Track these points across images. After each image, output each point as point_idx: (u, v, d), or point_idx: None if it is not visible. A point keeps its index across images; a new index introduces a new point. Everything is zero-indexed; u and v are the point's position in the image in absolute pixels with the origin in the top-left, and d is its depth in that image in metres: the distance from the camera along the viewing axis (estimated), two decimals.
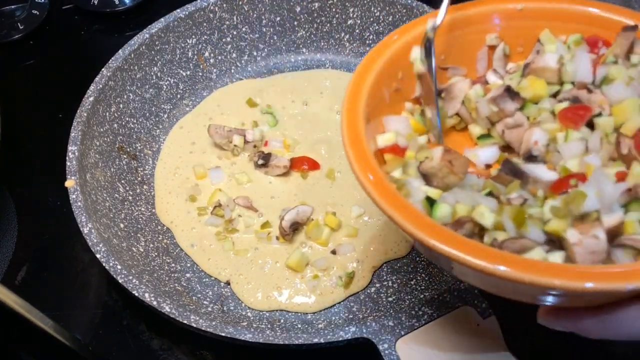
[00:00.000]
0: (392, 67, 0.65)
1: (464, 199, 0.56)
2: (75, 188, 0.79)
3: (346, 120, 0.59)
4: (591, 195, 0.51)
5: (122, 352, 0.78)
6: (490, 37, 0.69)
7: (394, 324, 0.69)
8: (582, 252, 0.50)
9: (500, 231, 0.53)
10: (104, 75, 0.89)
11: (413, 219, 0.51)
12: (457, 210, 0.55)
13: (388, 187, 0.54)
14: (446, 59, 0.69)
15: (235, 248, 0.84)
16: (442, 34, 0.67)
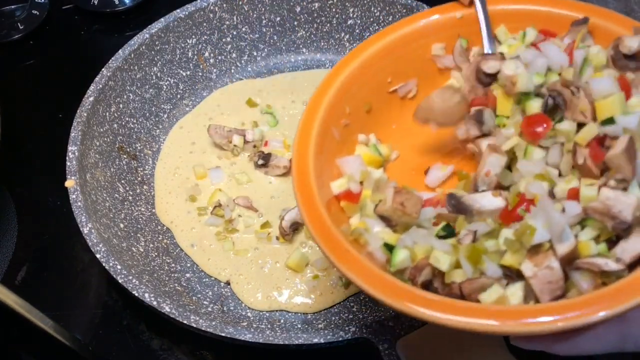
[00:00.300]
0: (339, 104, 0.65)
1: (421, 239, 0.57)
2: (75, 188, 0.79)
3: (296, 172, 0.59)
4: (539, 228, 0.51)
5: (122, 352, 0.78)
6: (436, 47, 0.69)
7: (394, 324, 0.69)
8: (539, 284, 0.51)
9: (458, 269, 0.54)
10: (104, 75, 0.89)
11: (361, 274, 0.52)
12: (416, 252, 0.56)
13: (339, 243, 0.54)
14: (393, 81, 0.69)
15: (235, 248, 0.84)
16: (383, 57, 0.67)
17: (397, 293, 0.51)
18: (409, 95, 0.71)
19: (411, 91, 0.71)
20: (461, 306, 0.49)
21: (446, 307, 0.49)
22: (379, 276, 0.52)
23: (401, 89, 0.70)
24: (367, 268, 0.53)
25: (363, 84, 0.67)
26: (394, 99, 0.70)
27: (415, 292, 0.51)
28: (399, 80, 0.69)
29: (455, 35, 0.69)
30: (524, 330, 0.47)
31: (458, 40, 0.69)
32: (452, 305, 0.49)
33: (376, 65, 0.67)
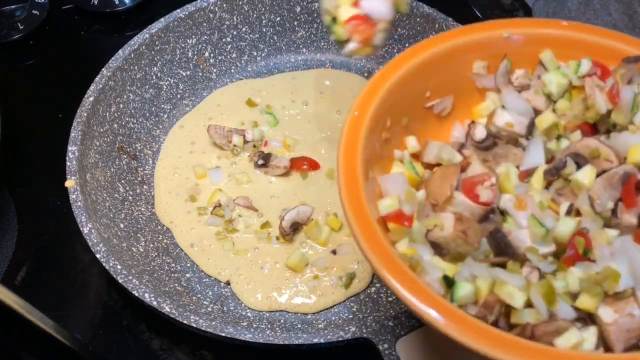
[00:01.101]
0: (382, 115, 0.61)
1: (481, 272, 0.53)
2: (75, 188, 0.79)
3: (345, 187, 0.54)
4: (624, 273, 0.48)
5: (122, 352, 0.78)
6: (477, 65, 0.66)
7: (394, 324, 0.69)
8: (616, 332, 0.48)
9: (528, 309, 0.51)
10: (104, 75, 0.89)
11: (442, 309, 0.47)
12: (479, 287, 0.52)
13: (402, 269, 0.50)
14: (431, 95, 0.66)
15: (235, 248, 0.84)
16: (425, 70, 0.64)
17: (499, 341, 0.46)
18: (443, 112, 0.67)
19: (446, 108, 0.67)
20: (555, 353, 0.46)
21: (542, 355, 0.45)
22: (463, 317, 0.47)
23: (437, 105, 0.66)
24: (446, 305, 0.48)
25: (404, 95, 0.63)
26: (430, 114, 0.67)
27: (507, 336, 0.47)
28: (437, 96, 0.66)
29: (499, 55, 0.66)
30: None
31: (504, 61, 0.66)
32: (546, 351, 0.46)
33: (418, 77, 0.64)
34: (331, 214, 0.86)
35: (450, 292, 0.52)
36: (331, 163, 0.91)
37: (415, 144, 0.65)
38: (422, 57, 0.63)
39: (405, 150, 0.65)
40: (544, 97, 0.64)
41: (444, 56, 0.64)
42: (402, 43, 1.01)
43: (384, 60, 1.03)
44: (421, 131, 0.66)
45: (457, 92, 0.67)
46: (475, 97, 0.68)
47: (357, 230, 0.52)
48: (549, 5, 1.08)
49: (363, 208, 0.53)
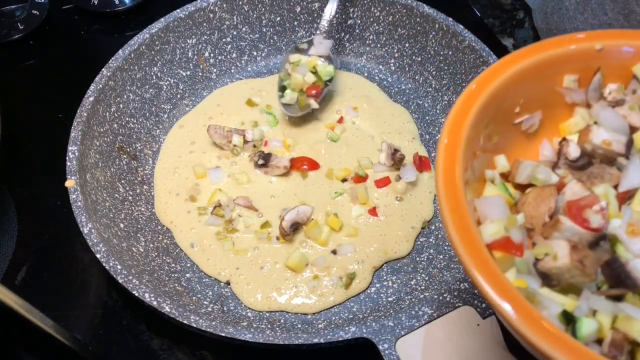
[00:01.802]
0: (476, 132, 0.56)
1: (603, 306, 0.48)
2: (75, 188, 0.79)
3: (449, 211, 0.50)
4: None
5: (122, 352, 0.78)
6: (568, 79, 0.62)
7: (394, 324, 0.69)
8: None
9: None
10: (104, 75, 0.89)
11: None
12: (601, 323, 0.48)
13: (525, 305, 0.45)
14: (521, 111, 0.62)
15: (235, 248, 0.84)
16: (515, 84, 0.59)
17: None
18: (531, 129, 0.63)
19: (534, 125, 0.63)
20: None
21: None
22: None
23: (526, 122, 0.62)
24: (578, 347, 0.43)
25: (495, 110, 0.59)
26: (517, 131, 0.63)
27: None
28: (526, 111, 0.62)
29: (591, 68, 0.62)
30: None
31: (597, 75, 0.62)
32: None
33: (509, 91, 0.60)
34: (331, 214, 0.86)
35: (571, 328, 0.48)
36: (331, 163, 0.91)
37: (505, 164, 0.61)
38: (512, 71, 0.59)
39: (495, 170, 0.61)
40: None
41: (535, 69, 0.61)
42: (402, 43, 1.01)
43: (383, 60, 1.04)
44: (509, 150, 0.62)
45: (546, 107, 0.63)
46: (563, 114, 0.64)
47: (468, 260, 0.47)
48: (547, 5, 1.08)
49: (472, 235, 0.48)
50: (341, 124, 0.96)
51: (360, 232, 0.85)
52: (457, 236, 0.48)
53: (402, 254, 0.84)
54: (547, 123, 0.63)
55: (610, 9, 0.88)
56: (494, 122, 0.59)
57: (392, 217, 0.86)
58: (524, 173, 0.59)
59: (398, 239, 0.85)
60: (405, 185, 0.88)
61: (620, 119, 0.59)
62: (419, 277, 0.82)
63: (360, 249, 0.83)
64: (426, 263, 0.84)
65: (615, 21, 0.89)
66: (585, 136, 0.60)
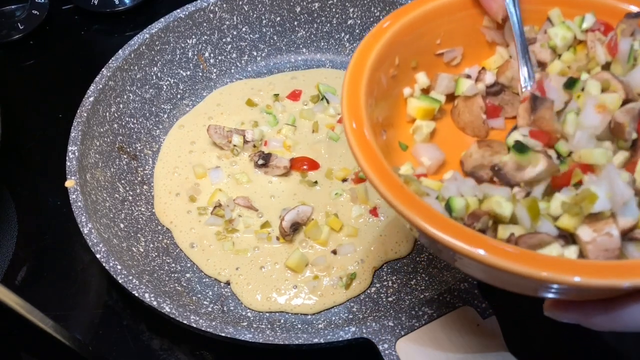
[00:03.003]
0: (390, 52, 0.64)
1: (467, 190, 0.56)
2: (75, 188, 0.79)
3: (348, 114, 0.58)
4: (602, 197, 0.50)
5: (122, 352, 0.78)
6: (488, 19, 0.68)
7: (394, 324, 0.69)
8: (595, 250, 0.50)
9: (513, 225, 0.53)
10: (104, 75, 0.89)
11: (426, 216, 0.50)
12: (470, 203, 0.55)
13: (396, 181, 0.52)
14: (442, 43, 0.68)
15: (235, 248, 0.84)
16: (437, 17, 0.66)
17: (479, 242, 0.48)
18: (453, 62, 0.70)
19: (456, 58, 0.70)
20: (527, 253, 0.47)
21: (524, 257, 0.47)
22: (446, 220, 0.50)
23: (447, 54, 0.69)
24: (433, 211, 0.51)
25: (415, 38, 0.66)
26: (439, 62, 0.69)
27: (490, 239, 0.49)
28: (447, 45, 0.69)
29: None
30: (596, 283, 0.45)
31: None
32: (522, 253, 0.47)
33: (430, 23, 0.66)
34: (331, 214, 0.86)
35: (446, 207, 0.55)
36: (331, 163, 0.91)
37: (425, 79, 0.67)
38: (434, 4, 0.66)
39: (416, 85, 0.67)
40: (549, 50, 0.66)
41: (457, 6, 0.67)
42: None
43: None
44: (431, 74, 0.69)
45: (468, 44, 0.69)
46: (485, 52, 0.70)
47: (360, 156, 0.54)
48: None
49: (364, 139, 0.56)
50: (341, 124, 0.96)
51: (360, 232, 0.85)
52: (353, 135, 0.56)
53: (402, 254, 0.84)
54: (469, 58, 0.70)
55: None
56: (414, 48, 0.66)
57: (393, 218, 0.86)
58: (442, 84, 0.67)
59: (398, 239, 0.85)
60: None
61: (529, 53, 0.66)
62: (419, 277, 0.82)
63: (361, 249, 0.83)
64: (426, 263, 0.84)
65: None
66: (504, 70, 0.67)
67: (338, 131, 0.95)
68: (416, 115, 0.66)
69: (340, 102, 0.59)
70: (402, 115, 0.67)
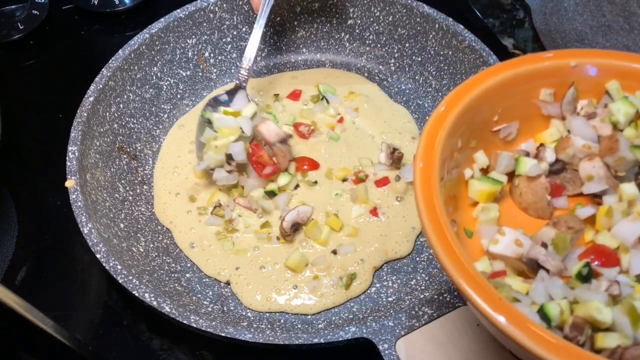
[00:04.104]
0: (454, 136, 0.61)
1: (557, 292, 0.52)
2: (75, 188, 0.79)
3: (427, 215, 0.54)
4: None
5: (122, 352, 0.78)
6: (544, 92, 0.66)
7: (394, 324, 0.69)
8: None
9: (611, 333, 0.49)
10: (104, 75, 0.89)
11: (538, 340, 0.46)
12: (563, 308, 0.51)
13: (491, 292, 0.48)
14: (499, 120, 0.66)
15: (235, 248, 0.84)
16: (494, 94, 0.64)
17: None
18: (509, 137, 0.68)
19: (511, 134, 0.68)
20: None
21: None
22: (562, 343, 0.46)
23: (504, 130, 0.67)
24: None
25: (475, 116, 0.64)
26: (496, 139, 0.67)
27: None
28: (504, 121, 0.67)
29: (565, 83, 0.66)
30: None
31: (570, 89, 0.66)
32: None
33: (488, 100, 0.64)
34: (331, 214, 0.86)
35: (540, 314, 0.51)
36: (331, 163, 0.91)
37: (484, 159, 0.65)
38: (493, 81, 0.64)
39: (475, 164, 0.65)
40: (610, 125, 0.64)
41: (514, 81, 0.65)
42: (402, 43, 1.01)
43: (383, 60, 1.04)
44: (487, 152, 0.67)
45: (523, 118, 0.67)
46: (539, 125, 0.68)
47: (441, 252, 0.51)
48: (546, 6, 1.08)
49: (447, 241, 0.52)
50: (341, 123, 0.96)
51: (360, 232, 0.85)
52: (444, 253, 0.52)
53: (403, 254, 0.84)
54: (524, 132, 0.68)
55: (608, 11, 0.88)
56: (473, 128, 0.64)
57: (393, 218, 0.86)
58: (503, 163, 0.64)
59: (398, 239, 0.85)
60: (405, 185, 0.88)
61: (590, 128, 0.64)
62: (419, 277, 0.82)
63: (361, 249, 0.83)
64: (426, 263, 0.84)
65: (615, 23, 0.89)
66: (564, 145, 0.64)
67: (338, 131, 0.95)
68: (479, 198, 0.63)
69: (416, 202, 0.55)
70: (464, 198, 0.65)
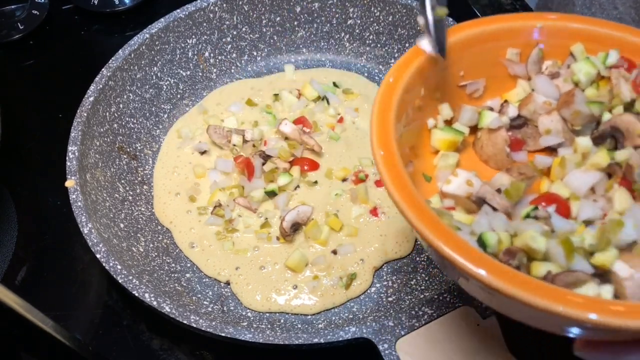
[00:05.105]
0: (416, 83, 0.63)
1: (499, 225, 0.54)
2: (75, 188, 0.79)
3: (378, 143, 0.56)
4: (629, 225, 0.50)
5: (122, 352, 0.78)
6: (511, 52, 0.68)
7: (394, 324, 0.69)
8: (633, 287, 0.48)
9: (545, 262, 0.51)
10: (104, 75, 0.89)
11: (465, 253, 0.48)
12: (502, 238, 0.53)
13: (431, 215, 0.51)
14: (465, 75, 0.68)
15: (235, 248, 0.84)
16: (460, 49, 0.66)
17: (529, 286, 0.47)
18: (475, 94, 0.70)
19: (478, 90, 0.69)
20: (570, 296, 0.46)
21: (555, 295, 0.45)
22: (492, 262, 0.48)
23: (470, 86, 0.69)
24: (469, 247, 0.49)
25: (439, 69, 0.66)
26: (462, 94, 0.69)
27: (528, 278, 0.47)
28: (470, 77, 0.69)
29: (531, 44, 0.68)
30: (621, 324, 0.44)
31: (535, 49, 0.68)
32: (557, 292, 0.46)
33: (454, 55, 0.66)
34: (331, 214, 0.86)
35: (479, 242, 0.54)
36: (331, 163, 0.91)
37: (448, 111, 0.67)
38: (458, 37, 0.65)
39: (439, 116, 0.67)
40: (572, 84, 0.66)
41: (480, 39, 0.67)
42: (402, 43, 1.01)
43: (383, 60, 1.04)
44: (453, 105, 0.69)
45: (490, 76, 0.69)
46: (507, 84, 0.70)
47: (392, 188, 0.53)
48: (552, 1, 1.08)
49: (396, 166, 0.55)
50: (341, 123, 0.96)
51: (360, 232, 0.85)
52: (384, 164, 0.55)
53: (403, 254, 0.84)
54: (491, 90, 0.69)
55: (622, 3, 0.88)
56: (438, 80, 0.66)
57: (393, 218, 0.86)
58: (465, 116, 0.66)
59: (398, 239, 0.85)
60: None
61: (553, 87, 0.66)
62: (419, 277, 0.82)
63: (361, 249, 0.83)
64: (426, 263, 0.84)
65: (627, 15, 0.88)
66: (526, 101, 0.67)
67: (338, 131, 0.95)
68: (440, 146, 0.65)
69: (370, 131, 0.58)
70: (426, 146, 0.67)
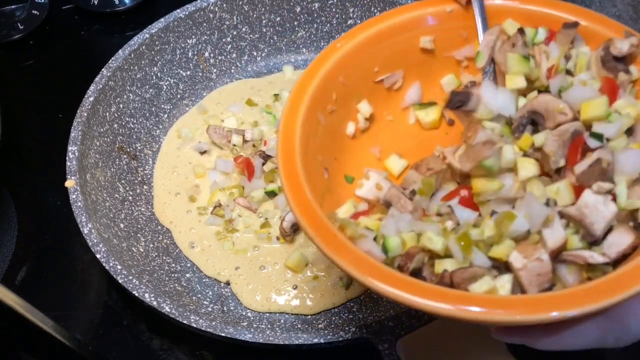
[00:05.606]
0: (325, 89, 0.64)
1: (405, 226, 0.56)
2: (75, 188, 0.79)
3: (282, 157, 0.58)
4: (520, 216, 0.52)
5: (122, 352, 0.78)
6: (424, 39, 0.69)
7: (394, 324, 0.69)
8: (527, 276, 0.51)
9: (448, 259, 0.54)
10: (104, 75, 0.89)
11: (354, 264, 0.51)
12: (406, 240, 0.55)
13: (330, 230, 0.53)
14: (380, 71, 0.69)
15: (235, 248, 0.84)
16: (371, 45, 0.67)
17: (398, 283, 0.50)
18: (395, 86, 0.71)
19: (397, 82, 0.71)
20: (451, 294, 0.49)
21: (437, 295, 0.48)
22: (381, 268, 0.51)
23: (387, 79, 0.70)
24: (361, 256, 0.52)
25: (351, 71, 0.67)
26: (380, 89, 0.70)
27: (408, 279, 0.50)
28: (386, 71, 0.69)
29: (444, 30, 0.69)
30: (510, 319, 0.47)
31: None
32: (443, 293, 0.49)
33: (364, 53, 0.67)
34: None
35: (383, 247, 0.56)
36: None
37: (368, 107, 0.68)
38: (367, 33, 0.66)
39: (359, 114, 0.68)
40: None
41: (390, 32, 0.68)
42: None
43: None
44: (372, 105, 0.70)
45: (407, 66, 0.70)
46: (424, 70, 0.71)
47: (295, 208, 0.55)
48: None
49: (297, 177, 0.57)
50: None
51: None
52: (286, 180, 0.57)
53: None
54: (410, 79, 0.71)
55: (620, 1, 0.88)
56: (352, 81, 0.66)
57: None
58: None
59: None
60: None
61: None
62: None
63: None
64: None
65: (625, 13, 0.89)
66: None
67: None
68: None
69: (276, 149, 0.59)
70: (346, 148, 0.68)
